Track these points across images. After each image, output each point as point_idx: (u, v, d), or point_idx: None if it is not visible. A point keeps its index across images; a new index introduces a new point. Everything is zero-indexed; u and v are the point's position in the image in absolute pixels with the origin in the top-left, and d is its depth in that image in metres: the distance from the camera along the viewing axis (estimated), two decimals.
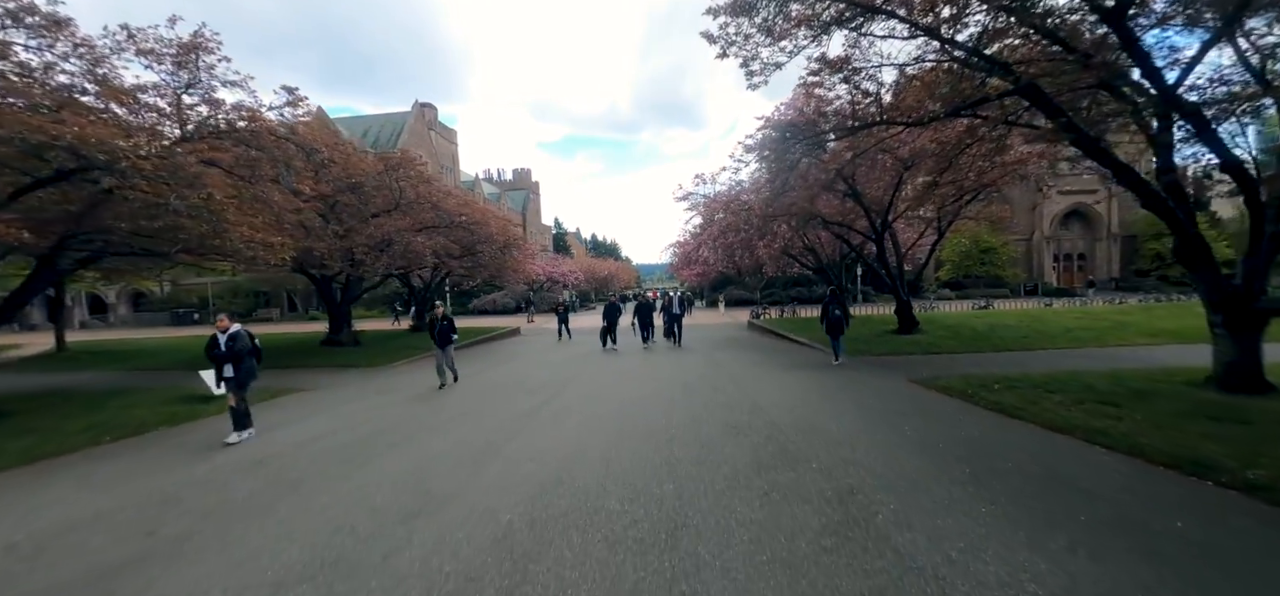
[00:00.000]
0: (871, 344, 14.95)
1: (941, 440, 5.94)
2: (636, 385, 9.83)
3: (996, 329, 17.09)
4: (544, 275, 44.78)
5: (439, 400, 9.32)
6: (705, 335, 20.56)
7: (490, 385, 10.60)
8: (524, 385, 10.28)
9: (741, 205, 18.11)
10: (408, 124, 58.03)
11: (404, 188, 17.23)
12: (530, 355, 15.38)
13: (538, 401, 8.60)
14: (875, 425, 6.68)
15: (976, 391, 8.24)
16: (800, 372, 11.17)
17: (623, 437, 6.37)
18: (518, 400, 8.80)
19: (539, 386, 9.98)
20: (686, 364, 12.56)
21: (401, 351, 17.31)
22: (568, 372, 11.46)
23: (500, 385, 10.50)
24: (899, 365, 11.84)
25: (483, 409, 8.29)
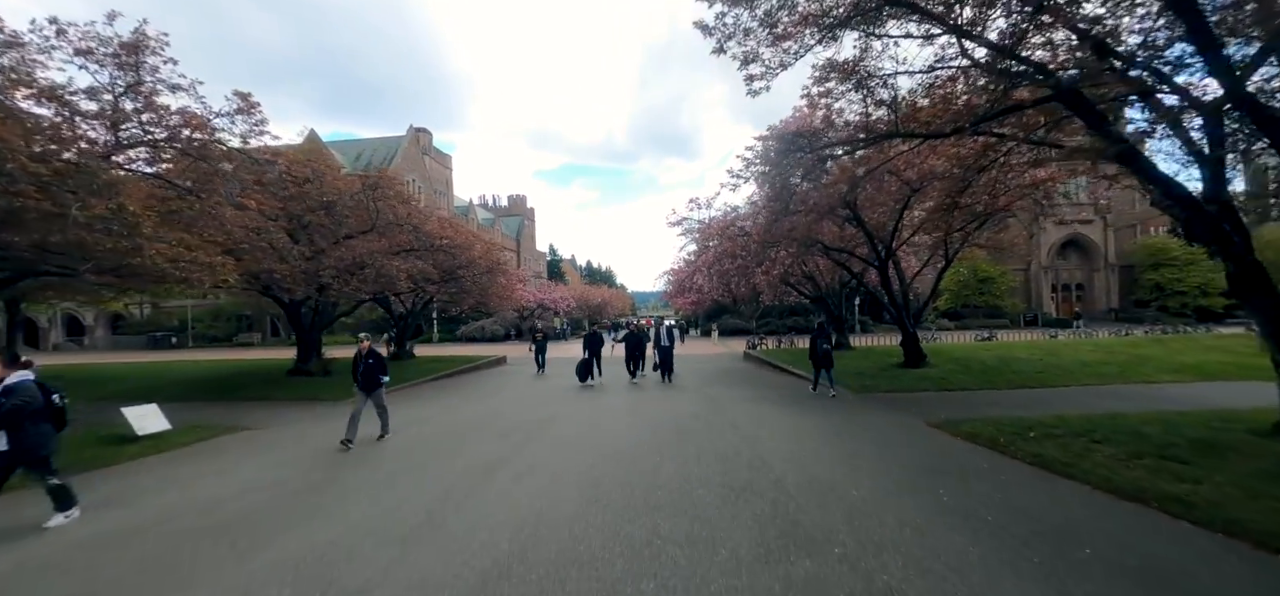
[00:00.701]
0: (878, 378, 13.87)
1: (989, 510, 4.83)
2: (620, 430, 8.64)
3: (1008, 362, 16.08)
4: (534, 301, 43.64)
5: (387, 448, 8.10)
6: (699, 367, 19.42)
7: (451, 429, 9.32)
8: (491, 428, 9.07)
9: (738, 231, 17.20)
10: (402, 148, 57.54)
11: (381, 208, 16.21)
12: (506, 390, 14.10)
13: (502, 451, 7.41)
14: (903, 486, 5.56)
15: (1011, 440, 7.15)
16: (804, 412, 10.06)
17: (597, 504, 5.21)
18: (479, 449, 7.60)
19: (508, 430, 8.78)
20: (677, 402, 11.37)
21: None
22: (544, 413, 10.25)
23: (463, 429, 9.23)
24: (911, 403, 10.76)
25: (434, 461, 7.09)
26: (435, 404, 12.37)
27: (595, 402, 11.35)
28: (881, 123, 7.76)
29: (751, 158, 9.67)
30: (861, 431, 8.37)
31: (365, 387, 8.43)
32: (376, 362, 8.62)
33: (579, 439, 7.94)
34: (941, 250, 16.66)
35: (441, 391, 14.73)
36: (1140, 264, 44.80)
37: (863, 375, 14.35)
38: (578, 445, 7.55)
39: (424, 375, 17.85)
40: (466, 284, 18.62)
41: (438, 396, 13.67)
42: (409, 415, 10.87)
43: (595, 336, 14.54)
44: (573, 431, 8.44)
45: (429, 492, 5.68)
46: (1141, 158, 6.60)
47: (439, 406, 11.95)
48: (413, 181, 58.40)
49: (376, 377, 8.55)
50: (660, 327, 14.70)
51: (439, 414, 10.94)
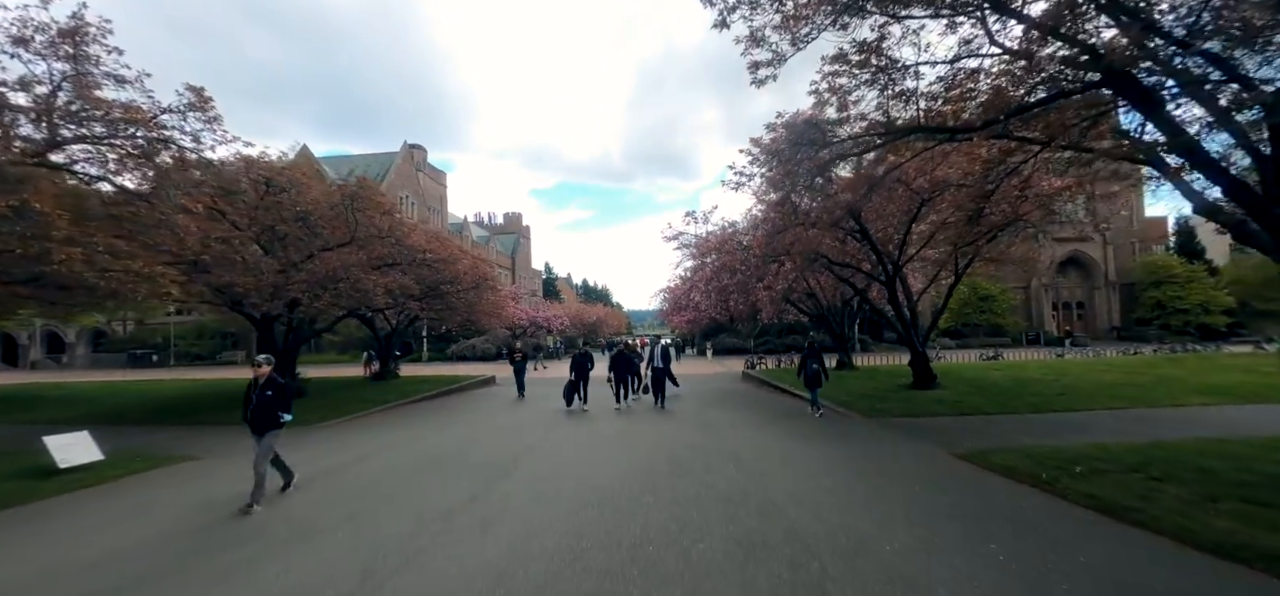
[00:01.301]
0: (888, 400, 12.94)
1: (1063, 575, 3.88)
2: (607, 464, 7.61)
3: (1024, 384, 15.19)
4: (527, 320, 42.62)
5: (333, 488, 7.09)
6: (696, 388, 18.43)
7: (416, 462, 8.24)
8: (462, 462, 8.03)
9: (737, 245, 16.37)
10: (395, 164, 56.88)
11: (361, 219, 15.31)
12: (487, 415, 12.96)
13: (469, 492, 6.40)
14: (946, 540, 4.60)
15: (1055, 476, 6.22)
16: (812, 439, 9.10)
17: (574, 564, 4.23)
18: (443, 489, 6.58)
19: (480, 464, 7.76)
20: (672, 430, 10.30)
21: (352, 405, 15.04)
22: (522, 443, 9.19)
23: (429, 462, 8.16)
24: (929, 430, 9.83)
25: (387, 504, 6.08)
26: (407, 430, 11.33)
27: (580, 431, 10.28)
28: (900, 119, 6.96)
29: (758, 154, 8.73)
30: (881, 464, 7.42)
31: (255, 429, 6.24)
32: (276, 396, 6.32)
33: (558, 476, 6.94)
34: (948, 265, 15.89)
35: (418, 415, 13.68)
36: (1141, 282, 44.33)
37: (872, 397, 13.43)
38: (556, 484, 6.54)
39: (405, 396, 16.81)
40: (452, 300, 17.63)
41: (412, 421, 12.63)
42: (373, 443, 9.84)
43: (583, 357, 13.09)
44: (552, 466, 7.44)
45: (372, 547, 4.67)
46: (1202, 151, 5.78)
47: (410, 433, 10.91)
48: (406, 198, 57.71)
49: (273, 415, 6.28)
50: (655, 348, 13.10)
51: (407, 442, 9.91)
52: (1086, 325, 45.56)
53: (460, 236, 70.43)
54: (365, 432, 11.30)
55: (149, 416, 14.31)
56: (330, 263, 13.45)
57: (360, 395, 16.86)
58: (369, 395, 16.89)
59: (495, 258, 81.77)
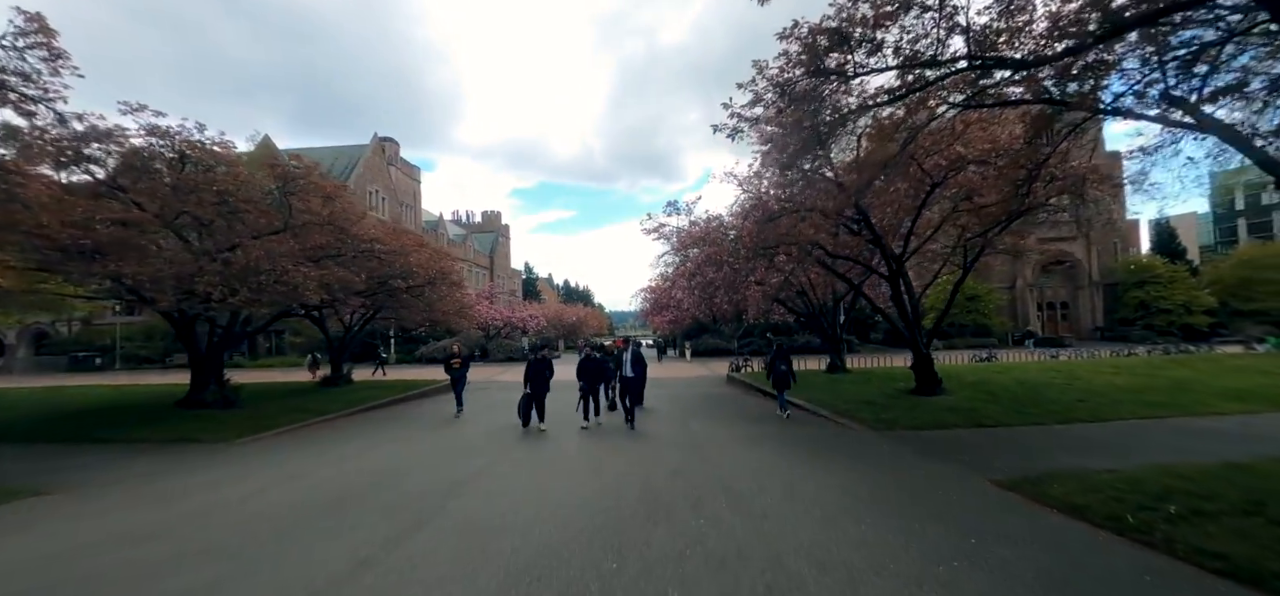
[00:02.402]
0: (893, 408, 11.50)
1: None
2: (562, 503, 5.84)
3: (1035, 389, 13.94)
4: (501, 320, 40.65)
5: (186, 537, 5.29)
6: (677, 393, 16.86)
7: (320, 496, 6.36)
8: (377, 498, 6.23)
9: (723, 236, 14.83)
10: (364, 157, 54.18)
11: (295, 204, 13.39)
12: (430, 432, 10.99)
13: (366, 548, 4.66)
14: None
15: (1145, 520, 4.75)
16: (821, 461, 7.55)
17: None
18: (332, 543, 4.82)
19: (399, 503, 6.00)
20: (648, 451, 8.48)
21: (286, 415, 13.10)
22: (461, 471, 7.36)
23: (335, 497, 6.28)
24: (952, 446, 8.37)
25: (242, 570, 4.34)
26: (333, 450, 9.50)
27: (536, 455, 8.33)
28: (944, 46, 5.44)
29: (762, 87, 6.93)
30: (912, 497, 5.88)
31: None
32: None
33: (493, 525, 5.23)
34: (952, 259, 14.59)
35: (355, 430, 11.82)
36: (1124, 282, 44.16)
37: (874, 405, 11.98)
38: (486, 539, 4.84)
39: (352, 405, 14.89)
40: (405, 297, 15.69)
41: (345, 438, 10.79)
42: (279, 470, 8.02)
43: (539, 365, 10.26)
44: (488, 510, 5.71)
45: None
46: None
47: (333, 454, 9.08)
48: (376, 192, 55.19)
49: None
50: (628, 353, 10.37)
51: (321, 468, 8.09)
52: (1070, 325, 45.27)
53: (435, 234, 67.93)
54: (281, 453, 9.45)
55: (41, 429, 12.17)
56: (254, 253, 11.52)
57: (301, 404, 14.87)
58: (311, 404, 14.92)
59: (472, 256, 79.35)
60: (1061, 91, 6.94)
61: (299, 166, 13.24)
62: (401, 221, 57.54)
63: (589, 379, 10.52)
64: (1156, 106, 7.38)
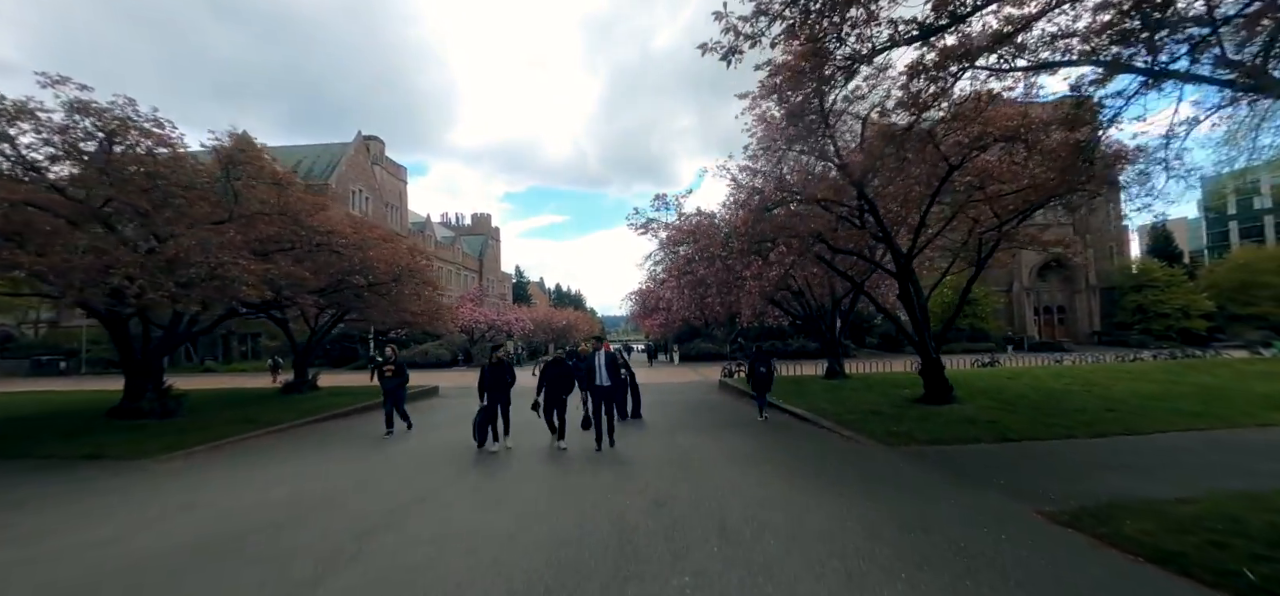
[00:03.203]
0: (904, 420, 10.32)
1: None
2: (509, 546, 4.60)
3: (1055, 397, 12.85)
4: (486, 322, 39.26)
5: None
6: (666, 399, 15.63)
7: (207, 539, 4.92)
8: (274, 542, 4.86)
9: (715, 229, 13.65)
10: (346, 155, 52.61)
11: (241, 191, 12.06)
12: (377, 450, 9.37)
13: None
14: None
15: (1271, 575, 3.59)
16: (833, 487, 6.32)
17: None
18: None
19: (306, 546, 4.66)
20: (626, 474, 7.11)
21: (230, 426, 11.73)
22: (397, 501, 5.88)
23: (227, 540, 4.85)
24: (980, 465, 7.20)
25: None
26: (262, 470, 8.16)
27: (491, 480, 6.88)
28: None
29: None
30: (950, 542, 4.65)
31: None
32: None
33: (414, 581, 3.96)
34: (964, 255, 13.51)
35: (299, 444, 10.46)
36: (1121, 286, 43.60)
37: (882, 416, 10.81)
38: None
39: (309, 414, 13.49)
40: (366, 296, 14.25)
41: (282, 455, 9.45)
42: (189, 496, 6.68)
43: (498, 370, 8.47)
44: (411, 557, 4.42)
45: None
46: None
47: (261, 476, 7.75)
48: (359, 191, 53.62)
49: None
50: (599, 357, 8.44)
51: (237, 494, 6.75)
52: (1067, 329, 44.61)
53: (422, 235, 66.36)
54: (201, 473, 8.10)
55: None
56: (186, 243, 10.16)
57: (250, 413, 13.47)
58: (263, 413, 13.52)
59: (461, 259, 77.81)
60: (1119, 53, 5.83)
61: (245, 150, 11.87)
62: (386, 222, 55.97)
63: (551, 388, 8.52)
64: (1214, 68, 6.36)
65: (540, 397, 8.62)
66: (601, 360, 8.44)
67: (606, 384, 8.45)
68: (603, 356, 8.47)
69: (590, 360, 8.49)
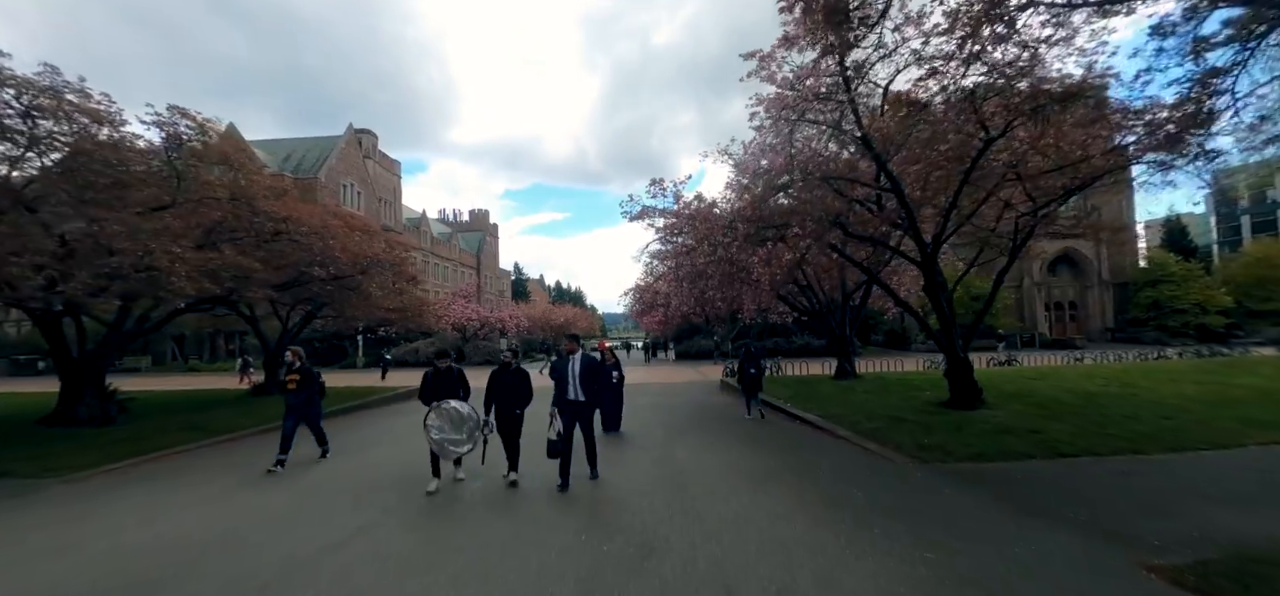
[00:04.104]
0: (933, 429, 9.01)
1: None
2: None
3: (1091, 401, 11.57)
4: (478, 320, 37.94)
5: None
6: (660, 403, 14.30)
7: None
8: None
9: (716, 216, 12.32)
10: (337, 148, 51.22)
11: (186, 173, 10.76)
12: (308, 474, 7.62)
13: None
14: None
15: None
16: (869, 525, 4.98)
17: None
18: None
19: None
20: (606, 506, 5.69)
21: (177, 435, 10.48)
22: (294, 551, 4.54)
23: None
24: (1042, 491, 5.89)
25: None
26: (175, 495, 6.83)
27: (425, 523, 5.30)
28: None
29: None
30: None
31: None
32: None
33: None
34: (993, 242, 12.20)
35: (241, 459, 9.12)
36: (1135, 281, 42.22)
37: (907, 423, 9.50)
38: None
39: (271, 421, 12.13)
40: (329, 289, 12.82)
41: (212, 474, 8.13)
42: (68, 530, 5.40)
43: (444, 377, 6.60)
44: None
45: None
46: None
47: (172, 501, 6.45)
48: (350, 185, 52.25)
49: None
50: (572, 364, 6.40)
51: (118, 534, 5.43)
52: (1079, 326, 43.26)
53: (417, 231, 65.01)
54: (109, 497, 6.80)
55: None
56: (110, 230, 8.85)
57: (203, 420, 12.17)
58: (217, 420, 12.20)
59: (458, 256, 76.45)
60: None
61: (191, 125, 10.55)
62: (379, 217, 54.52)
63: (502, 403, 6.54)
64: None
65: (490, 415, 6.54)
66: (575, 367, 6.36)
67: (580, 400, 6.33)
68: (577, 362, 6.39)
69: (563, 366, 6.47)
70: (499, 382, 6.61)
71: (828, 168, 9.94)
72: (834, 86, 8.33)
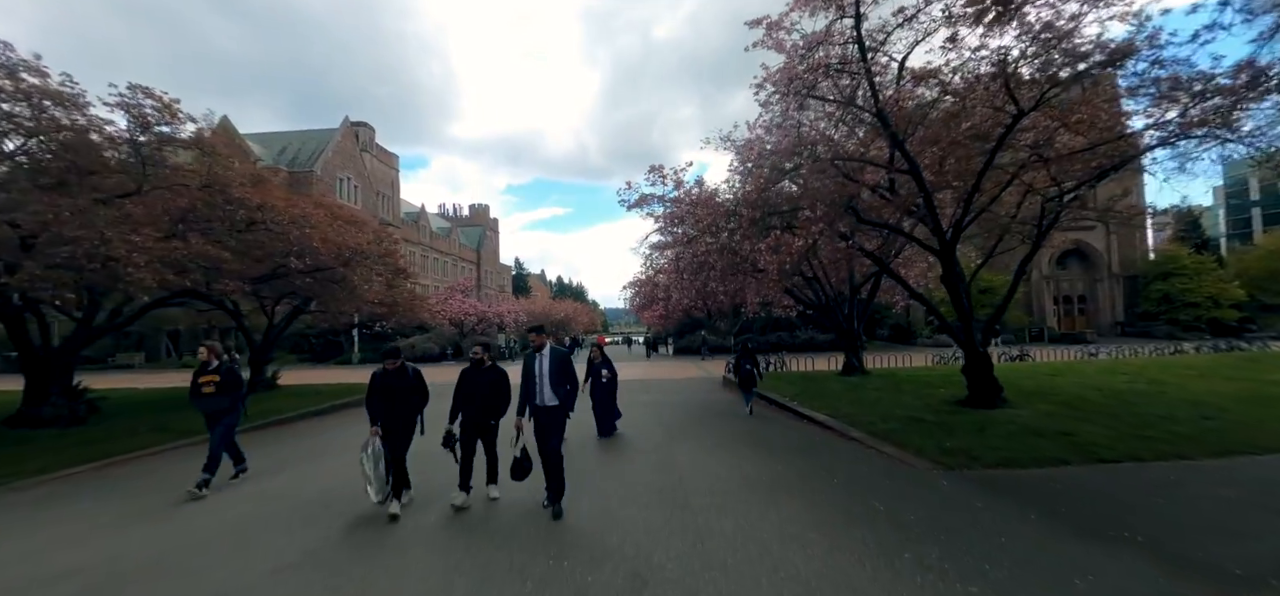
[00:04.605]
0: (954, 428, 8.34)
1: None
2: None
3: (1121, 400, 10.86)
4: (475, 314, 37.31)
5: None
6: (659, 400, 13.63)
7: None
8: None
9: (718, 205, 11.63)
10: (333, 141, 50.47)
11: (149, 154, 10.08)
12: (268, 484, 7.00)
13: None
14: None
15: None
16: (900, 554, 4.31)
17: None
18: None
19: None
20: (594, 537, 4.64)
21: (146, 436, 9.90)
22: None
23: None
24: (1083, 500, 5.21)
25: None
26: (123, 504, 6.20)
27: (378, 558, 4.34)
28: None
29: None
30: None
31: None
32: None
33: None
34: (1014, 229, 11.49)
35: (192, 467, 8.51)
36: (1145, 274, 41.38)
37: (926, 425, 8.80)
38: None
39: (248, 421, 11.57)
40: (307, 282, 12.05)
41: (169, 479, 7.50)
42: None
43: (395, 379, 5.49)
44: None
45: None
46: None
47: (104, 519, 5.80)
48: (346, 179, 51.53)
49: None
50: (539, 361, 5.29)
51: (38, 559, 4.80)
52: (1088, 319, 42.45)
53: (415, 226, 64.34)
54: (52, 508, 6.19)
55: None
56: (62, 218, 8.18)
57: (177, 422, 11.55)
58: (189, 421, 11.54)
59: (458, 250, 75.77)
60: None
61: (156, 105, 9.86)
62: (377, 211, 53.77)
63: (473, 411, 5.49)
64: None
65: (454, 426, 5.52)
66: (543, 365, 5.23)
67: (551, 403, 5.19)
68: (545, 361, 5.24)
69: (531, 362, 5.30)
70: (470, 385, 5.50)
71: (838, 151, 9.24)
72: (847, 58, 7.61)
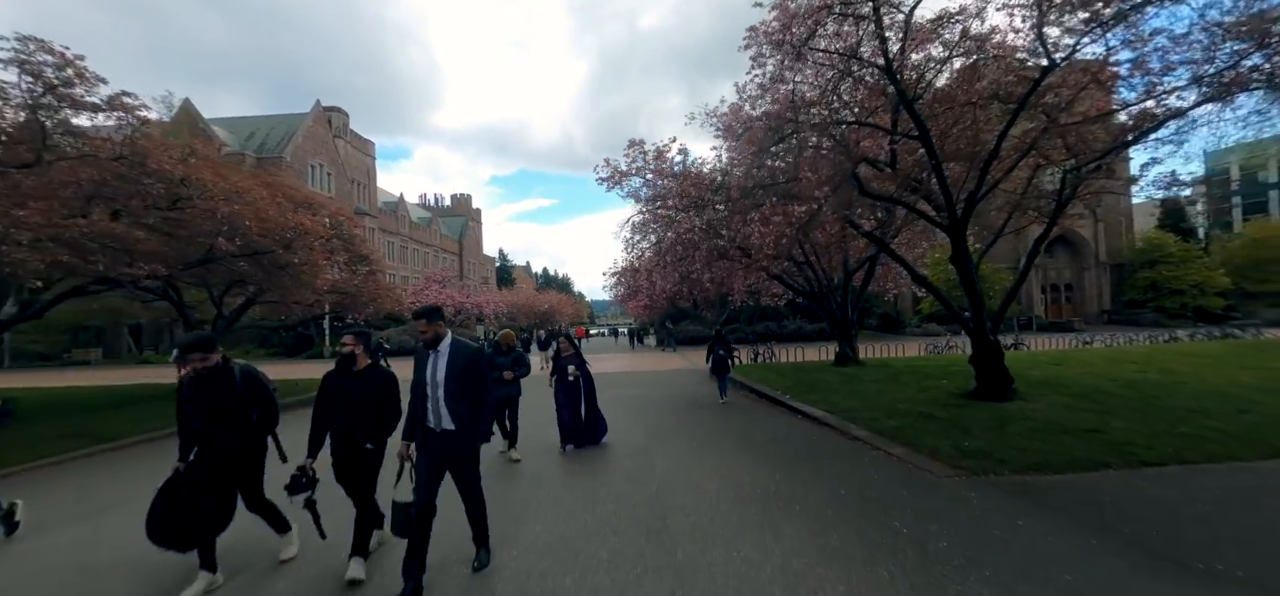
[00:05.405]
0: (968, 424, 7.45)
1: None
2: None
3: (1139, 391, 10.08)
4: (453, 304, 35.94)
5: None
6: (643, 395, 12.61)
7: None
8: None
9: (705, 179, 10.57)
10: (303, 126, 48.29)
11: (47, 120, 8.76)
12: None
13: None
14: None
15: None
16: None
17: None
18: None
19: None
20: (546, 576, 3.57)
21: (57, 442, 8.69)
22: None
23: None
24: (1139, 513, 4.29)
25: None
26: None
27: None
28: None
29: None
30: None
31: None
32: None
33: None
34: (1025, 207, 10.64)
35: (97, 480, 7.33)
36: (1133, 262, 41.31)
37: (936, 422, 7.88)
38: None
39: (164, 426, 10.34)
40: (243, 265, 10.64)
41: (69, 498, 6.32)
42: None
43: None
44: None
45: None
46: None
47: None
48: (319, 166, 49.51)
49: None
50: (434, 361, 3.56)
51: None
52: (1075, 308, 42.35)
53: (395, 216, 62.36)
54: None
55: None
56: None
57: (96, 425, 10.30)
58: (114, 425, 10.33)
59: (439, 241, 73.83)
60: None
61: (53, 60, 8.50)
62: (351, 199, 51.77)
63: (341, 432, 3.90)
64: None
65: (310, 462, 3.84)
66: (437, 369, 3.56)
67: (447, 427, 3.54)
68: (441, 362, 3.57)
69: (420, 365, 3.62)
70: (335, 395, 3.88)
71: (835, 115, 8.23)
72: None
